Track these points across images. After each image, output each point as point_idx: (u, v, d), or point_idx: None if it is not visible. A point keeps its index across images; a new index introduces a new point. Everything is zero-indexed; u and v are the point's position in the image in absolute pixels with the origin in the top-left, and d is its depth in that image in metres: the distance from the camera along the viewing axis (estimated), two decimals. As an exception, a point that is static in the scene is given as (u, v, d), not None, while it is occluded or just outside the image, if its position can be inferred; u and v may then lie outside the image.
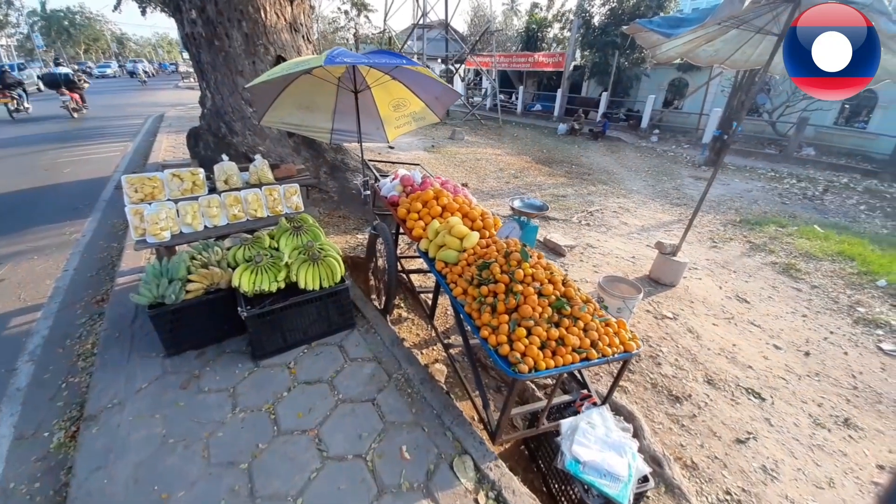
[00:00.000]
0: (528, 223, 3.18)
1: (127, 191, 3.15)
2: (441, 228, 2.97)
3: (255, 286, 2.52)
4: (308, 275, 2.62)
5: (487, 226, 3.28)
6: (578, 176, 10.19)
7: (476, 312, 2.30)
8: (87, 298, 3.54)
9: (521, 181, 9.31)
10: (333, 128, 3.98)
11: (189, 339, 2.64)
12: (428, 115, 4.17)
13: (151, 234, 2.93)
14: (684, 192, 9.41)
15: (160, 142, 8.96)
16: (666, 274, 5.03)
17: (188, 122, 11.88)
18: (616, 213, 7.65)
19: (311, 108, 3.75)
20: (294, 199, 3.58)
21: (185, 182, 3.31)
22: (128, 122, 12.49)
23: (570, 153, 12.81)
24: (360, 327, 2.92)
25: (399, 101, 4.08)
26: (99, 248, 4.45)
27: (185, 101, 17.22)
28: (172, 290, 2.49)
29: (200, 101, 6.34)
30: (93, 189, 6.38)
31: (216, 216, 3.24)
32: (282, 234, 3.05)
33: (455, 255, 2.75)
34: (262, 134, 6.09)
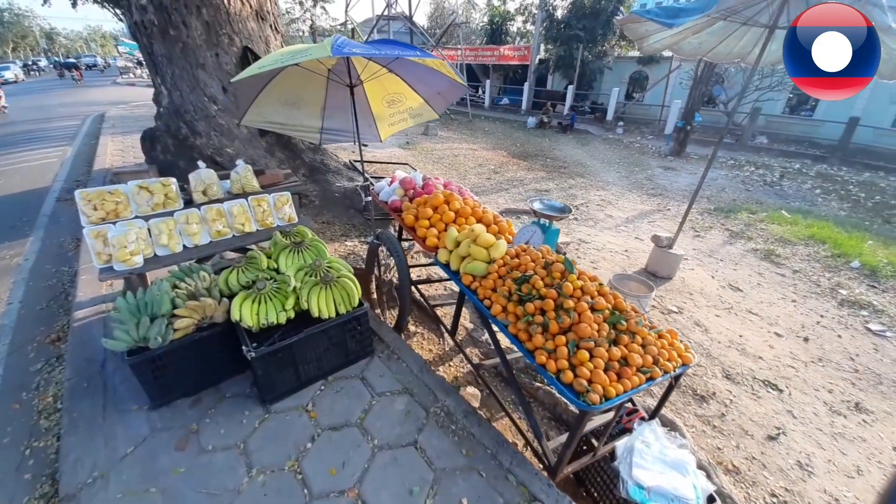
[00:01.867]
0: (549, 226, 2.95)
1: (83, 209, 2.61)
2: (463, 237, 2.68)
3: (260, 319, 2.12)
4: (321, 300, 2.25)
5: (502, 230, 3.03)
6: (556, 169, 10.16)
7: (524, 333, 2.04)
8: (39, 338, 2.95)
9: (503, 176, 9.13)
10: (323, 126, 3.55)
11: (180, 385, 2.20)
12: (426, 112, 3.84)
13: (119, 260, 2.43)
14: (657, 182, 9.60)
15: (104, 145, 7.96)
16: (663, 267, 5.01)
17: (133, 122, 10.74)
18: (600, 206, 7.64)
19: (298, 105, 3.31)
20: (286, 210, 3.15)
21: (156, 195, 2.80)
22: (62, 125, 11.10)
23: (543, 146, 12.81)
24: (380, 353, 2.58)
25: (394, 97, 3.72)
26: (46, 274, 3.78)
27: (127, 99, 15.64)
28: (157, 330, 2.04)
29: (155, 98, 5.61)
30: (30, 203, 5.51)
31: (196, 234, 2.77)
32: (280, 252, 2.64)
33: (483, 267, 2.48)
34: (231, 134, 5.49)
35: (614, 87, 15.42)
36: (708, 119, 14.72)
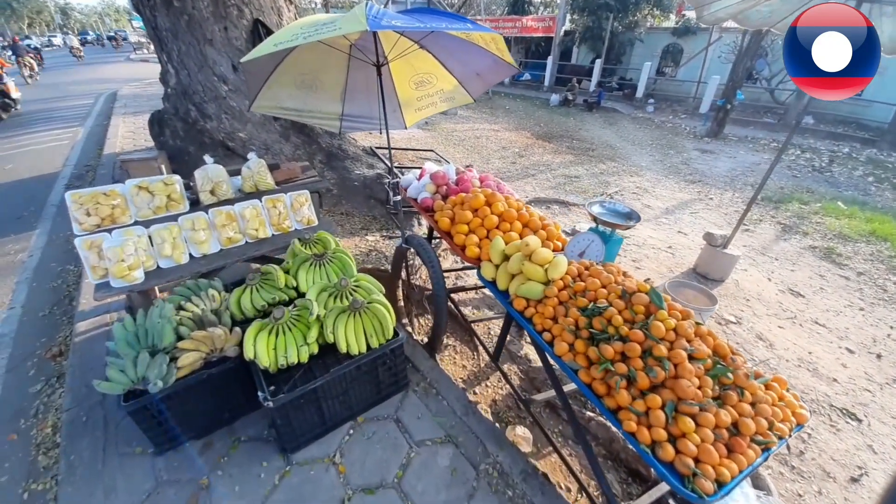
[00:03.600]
0: (611, 235, 2.49)
1: (74, 213, 2.25)
2: (512, 251, 2.25)
3: (278, 358, 1.76)
4: (350, 332, 1.87)
5: (551, 236, 2.59)
6: (583, 152, 9.48)
7: (600, 384, 1.64)
8: (39, 352, 2.67)
9: (528, 160, 8.54)
10: (344, 112, 3.09)
11: (187, 428, 1.88)
12: (459, 95, 3.33)
13: (117, 275, 2.08)
14: (694, 167, 8.88)
15: (116, 126, 7.62)
16: (715, 268, 4.50)
17: (145, 101, 10.36)
18: (636, 194, 7.05)
19: (315, 87, 2.85)
20: (305, 212, 2.75)
21: (157, 197, 2.42)
22: (75, 104, 10.79)
23: (568, 126, 12.04)
24: (416, 385, 2.22)
25: (423, 77, 3.21)
26: (51, 274, 3.50)
27: (140, 76, 15.20)
28: (157, 370, 1.70)
29: (162, 78, 5.18)
30: (39, 190, 5.22)
31: (205, 242, 2.40)
32: (299, 267, 2.26)
33: (540, 289, 2.05)
34: (242, 117, 5.05)
35: (646, 62, 14.30)
36: (749, 96, 13.63)
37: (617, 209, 2.56)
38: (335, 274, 2.29)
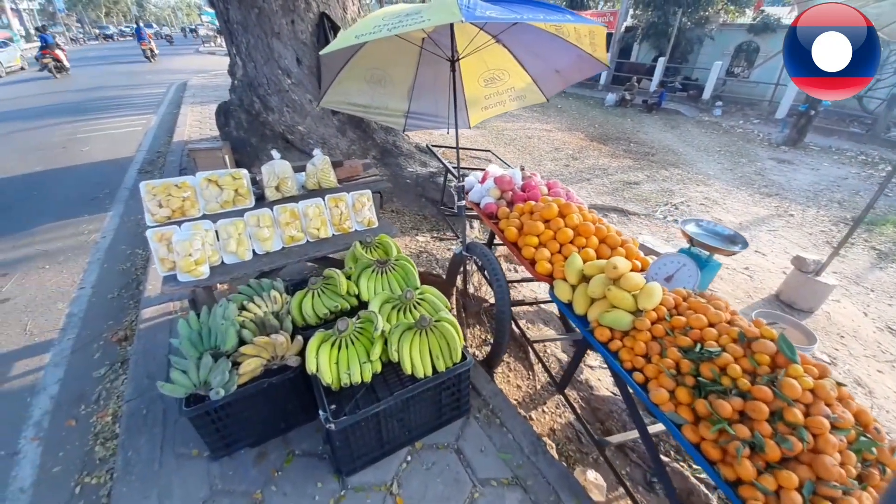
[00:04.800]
0: (708, 260, 2.18)
1: (148, 205, 2.25)
2: (593, 272, 2.00)
3: (341, 374, 1.63)
4: (415, 352, 1.71)
5: (630, 254, 2.31)
6: (643, 156, 8.88)
7: (712, 447, 1.37)
8: (106, 334, 2.74)
9: (583, 164, 8.10)
10: (410, 110, 2.94)
11: (243, 435, 1.80)
12: (531, 94, 3.09)
13: (184, 270, 2.05)
14: (770, 178, 8.05)
15: (185, 115, 7.99)
16: (804, 298, 3.97)
17: (212, 92, 10.84)
18: (704, 205, 6.46)
19: (384, 83, 2.71)
20: (366, 213, 2.63)
21: (225, 191, 2.38)
22: (149, 92, 11.51)
23: (625, 128, 11.36)
24: (477, 412, 2.04)
25: (494, 74, 3.00)
26: (121, 256, 3.64)
27: (208, 68, 16.02)
28: (219, 376, 1.62)
29: (230, 69, 5.30)
30: (114, 173, 5.53)
31: (268, 239, 2.33)
32: (361, 273, 2.13)
33: (628, 320, 1.80)
34: (303, 111, 5.07)
35: (716, 61, 13.18)
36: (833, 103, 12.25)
37: (717, 230, 2.23)
38: (397, 283, 2.15)
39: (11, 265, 3.49)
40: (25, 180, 5.31)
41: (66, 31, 43.04)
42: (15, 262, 3.53)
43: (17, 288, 3.20)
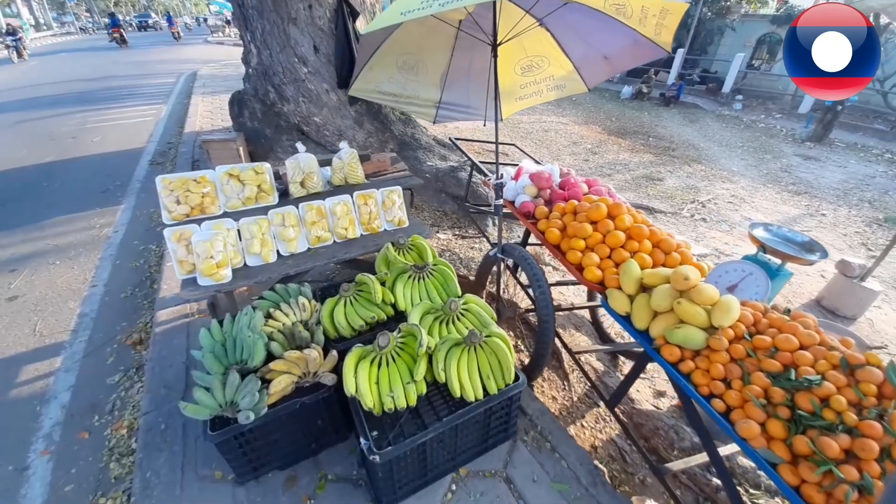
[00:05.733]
0: (780, 269, 1.95)
1: (164, 201, 2.06)
2: (655, 281, 1.79)
3: (383, 399, 1.45)
4: (464, 372, 1.52)
5: (686, 259, 2.09)
6: (663, 151, 8.57)
7: (815, 491, 1.17)
8: (120, 336, 2.58)
9: (602, 158, 7.82)
10: (441, 100, 2.72)
11: (272, 457, 1.63)
12: (572, 83, 2.85)
13: (205, 273, 1.86)
14: (797, 175, 7.73)
15: (195, 105, 7.79)
16: (848, 304, 3.73)
17: (222, 82, 10.62)
18: (732, 203, 6.19)
19: (416, 70, 2.50)
20: (396, 211, 2.43)
21: (247, 186, 2.19)
22: (158, 82, 11.31)
23: (642, 122, 11.03)
24: (524, 433, 1.85)
25: (533, 61, 2.77)
26: (133, 252, 3.47)
27: (217, 58, 15.78)
28: (248, 397, 1.44)
29: (244, 57, 5.08)
30: (125, 164, 5.36)
31: (293, 240, 2.14)
32: (397, 279, 1.94)
33: (702, 338, 1.59)
34: (319, 101, 4.85)
35: (738, 53, 12.71)
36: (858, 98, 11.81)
37: (790, 236, 2.00)
38: (436, 290, 1.95)
39: (21, 261, 3.34)
40: (36, 171, 5.16)
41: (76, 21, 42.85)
42: (24, 258, 3.38)
43: (27, 285, 3.05)
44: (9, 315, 2.74)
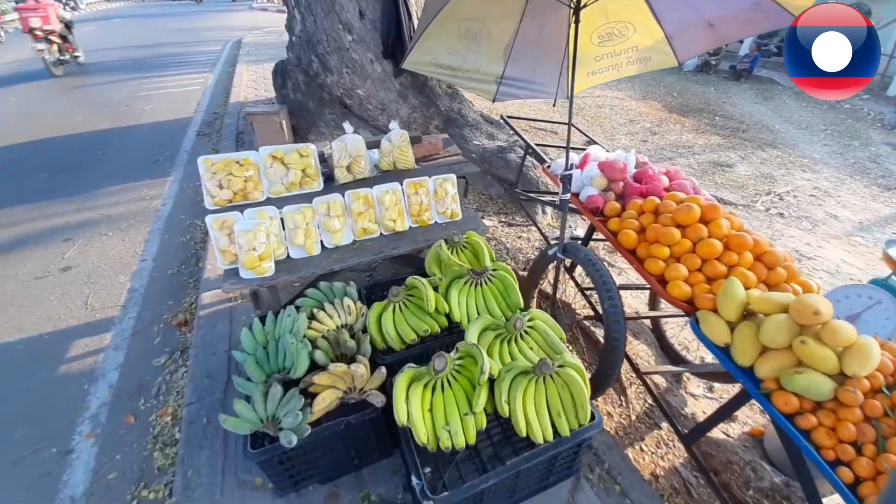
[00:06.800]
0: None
1: (207, 184, 1.91)
2: (768, 309, 1.46)
3: (437, 430, 1.25)
4: (531, 408, 1.29)
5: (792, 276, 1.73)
6: (732, 133, 7.69)
7: None
8: (166, 316, 2.56)
9: (663, 139, 7.11)
10: (504, 75, 2.38)
11: (313, 472, 1.51)
12: (658, 56, 2.41)
13: (247, 266, 1.72)
14: (887, 167, 6.71)
15: (240, 74, 7.71)
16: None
17: (265, 50, 10.48)
18: (814, 196, 5.45)
19: (479, 40, 2.16)
20: (448, 203, 2.17)
21: (292, 170, 2.00)
22: (205, 49, 11.33)
23: (708, 98, 9.94)
24: (589, 471, 1.63)
25: (614, 28, 2.34)
26: (180, 227, 3.45)
27: (261, 25, 15.64)
28: (291, 416, 1.29)
29: (287, 24, 4.85)
30: (173, 134, 5.38)
31: (338, 231, 1.95)
32: (452, 284, 1.71)
33: (829, 388, 1.28)
34: (363, 72, 4.56)
35: (826, 21, 11.03)
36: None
37: (946, 260, 1.59)
38: (494, 299, 1.71)
39: (75, 230, 3.40)
40: (93, 138, 5.28)
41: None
42: (78, 227, 3.44)
43: (80, 255, 3.10)
44: (62, 286, 2.78)
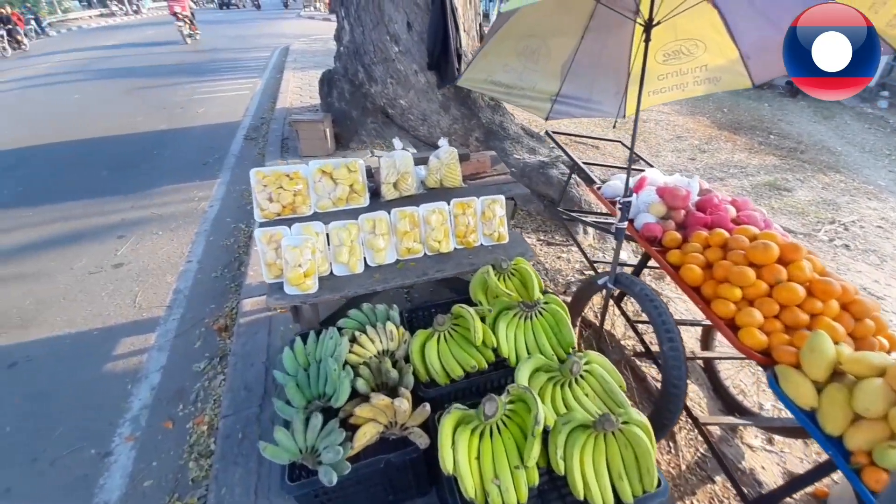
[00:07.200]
0: None
1: (258, 196, 1.90)
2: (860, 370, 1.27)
3: (486, 484, 1.15)
4: (589, 468, 1.16)
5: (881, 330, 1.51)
6: (789, 153, 7.18)
7: None
8: (208, 319, 2.59)
9: (713, 158, 6.74)
10: (560, 93, 2.27)
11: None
12: (729, 77, 2.23)
13: (292, 282, 1.69)
14: (967, 198, 6.02)
15: (287, 81, 7.96)
16: None
17: (311, 57, 10.81)
18: (881, 228, 4.96)
19: (538, 57, 2.06)
20: (495, 226, 2.07)
21: (340, 186, 1.97)
22: (255, 56, 11.83)
23: (762, 115, 9.37)
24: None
25: (683, 46, 2.18)
26: (225, 230, 3.53)
27: (309, 33, 16.20)
28: (330, 450, 1.22)
29: (336, 35, 4.93)
30: (223, 137, 5.58)
31: (382, 250, 1.89)
32: (500, 316, 1.60)
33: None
34: (407, 83, 4.56)
35: None
36: None
37: None
38: (545, 334, 1.59)
39: (129, 227, 3.54)
40: (150, 138, 5.56)
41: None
42: (132, 225, 3.58)
43: (132, 253, 3.21)
44: (113, 283, 2.88)
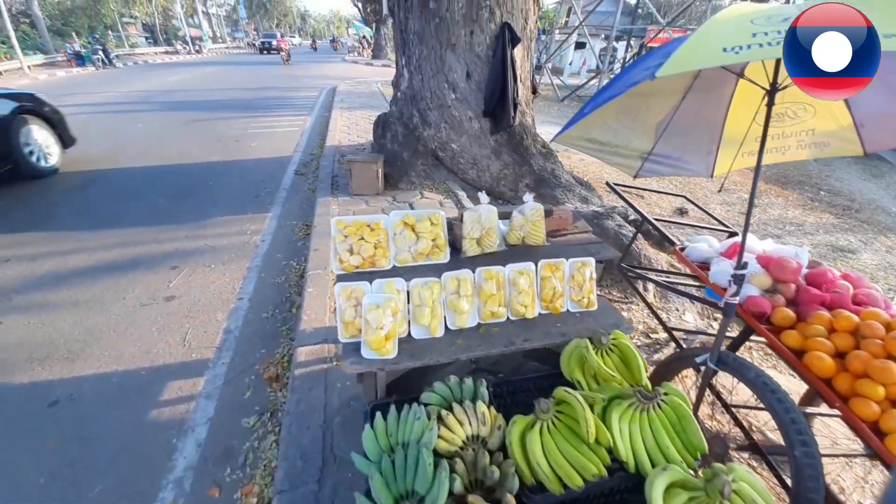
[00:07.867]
0: None
1: (338, 247, 1.78)
2: None
3: None
4: None
5: None
6: (844, 212, 6.80)
7: None
8: (258, 367, 2.43)
9: (765, 213, 6.43)
10: (653, 151, 2.13)
11: None
12: (839, 143, 2.04)
13: (372, 345, 1.51)
14: None
15: (335, 119, 8.26)
16: None
17: (356, 98, 11.32)
18: (968, 300, 4.45)
19: (636, 115, 1.94)
20: (585, 290, 1.87)
21: (422, 239, 1.83)
22: (305, 94, 12.50)
23: (808, 170, 9.04)
24: None
25: (789, 109, 2.02)
26: (276, 267, 3.45)
27: (353, 76, 17.18)
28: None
29: (394, 81, 5.07)
30: (275, 172, 5.70)
31: (465, 313, 1.71)
32: (611, 405, 1.37)
33: None
34: (460, 128, 4.58)
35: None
36: None
37: None
38: (665, 431, 1.34)
39: (182, 258, 3.51)
40: (204, 170, 5.73)
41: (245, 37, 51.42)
42: (186, 255, 3.55)
43: (184, 286, 3.14)
44: (164, 317, 2.79)
